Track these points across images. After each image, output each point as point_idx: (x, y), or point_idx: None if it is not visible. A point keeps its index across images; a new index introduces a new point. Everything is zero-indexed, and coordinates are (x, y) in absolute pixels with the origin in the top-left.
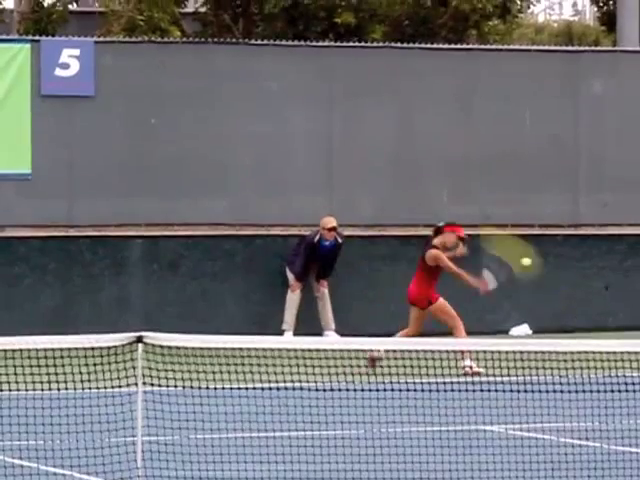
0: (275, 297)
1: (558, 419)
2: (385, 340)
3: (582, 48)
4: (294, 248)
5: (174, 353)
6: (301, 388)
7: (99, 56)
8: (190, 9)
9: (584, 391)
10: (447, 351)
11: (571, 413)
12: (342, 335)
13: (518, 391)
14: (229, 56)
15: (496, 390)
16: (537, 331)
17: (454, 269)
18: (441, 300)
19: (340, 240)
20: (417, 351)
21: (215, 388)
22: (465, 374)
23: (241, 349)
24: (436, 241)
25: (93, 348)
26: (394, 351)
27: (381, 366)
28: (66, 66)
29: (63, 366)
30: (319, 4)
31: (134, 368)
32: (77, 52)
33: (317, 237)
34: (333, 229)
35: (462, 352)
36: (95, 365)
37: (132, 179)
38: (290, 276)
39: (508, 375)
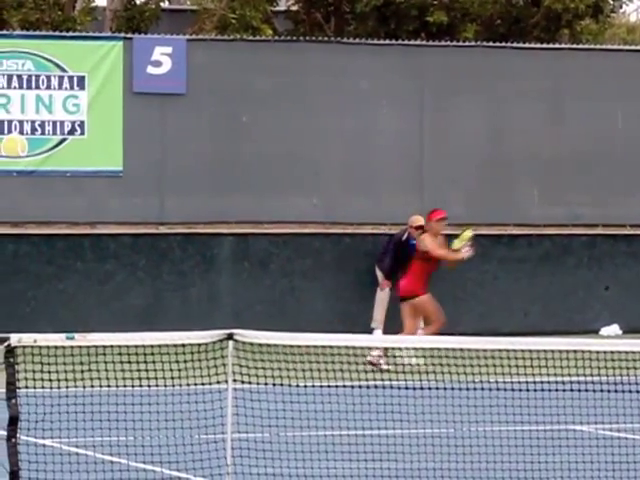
0: (364, 295)
1: None
2: (473, 339)
3: None
4: (384, 246)
5: (264, 350)
6: (391, 387)
7: (191, 54)
8: (282, 7)
9: None
10: (537, 350)
11: None
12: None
13: (609, 391)
14: (321, 54)
15: (586, 390)
16: (627, 331)
17: (437, 252)
18: (427, 296)
19: None
20: (507, 350)
21: (305, 386)
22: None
23: (331, 347)
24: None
25: (184, 345)
26: (484, 350)
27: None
28: (158, 64)
29: (154, 362)
30: (411, 3)
31: (224, 365)
32: (169, 50)
33: (405, 236)
34: (421, 227)
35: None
36: (185, 362)
37: (222, 177)
38: (379, 274)
39: (599, 375)
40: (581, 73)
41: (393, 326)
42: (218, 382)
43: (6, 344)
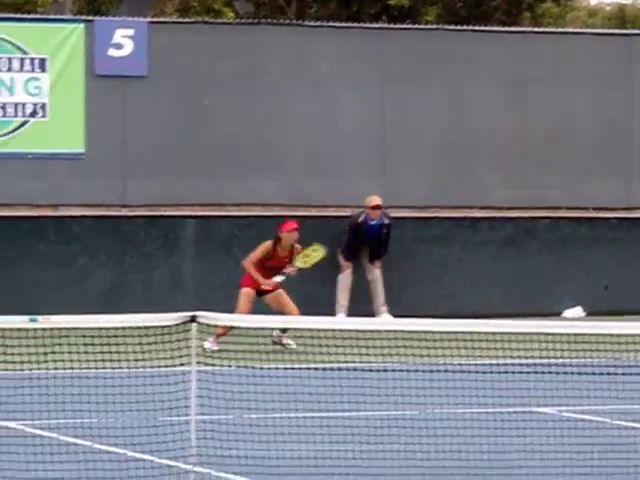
0: (328, 278)
1: (612, 401)
2: (436, 321)
3: (637, 31)
4: (343, 229)
5: (228, 333)
6: (354, 369)
7: (152, 36)
8: None
9: (638, 374)
10: (501, 333)
11: (625, 395)
12: (395, 316)
13: (572, 373)
14: (282, 37)
15: (550, 372)
16: (590, 313)
17: (248, 265)
18: (244, 290)
19: (387, 220)
20: (471, 333)
21: (268, 368)
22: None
23: (295, 329)
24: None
25: (147, 327)
26: (448, 333)
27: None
28: (120, 46)
29: (117, 345)
30: None
31: (188, 347)
32: (131, 32)
33: (362, 217)
34: (377, 207)
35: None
36: (149, 344)
37: (185, 159)
38: (339, 257)
39: (562, 357)
40: (544, 56)
41: (358, 309)
42: (182, 364)
43: None
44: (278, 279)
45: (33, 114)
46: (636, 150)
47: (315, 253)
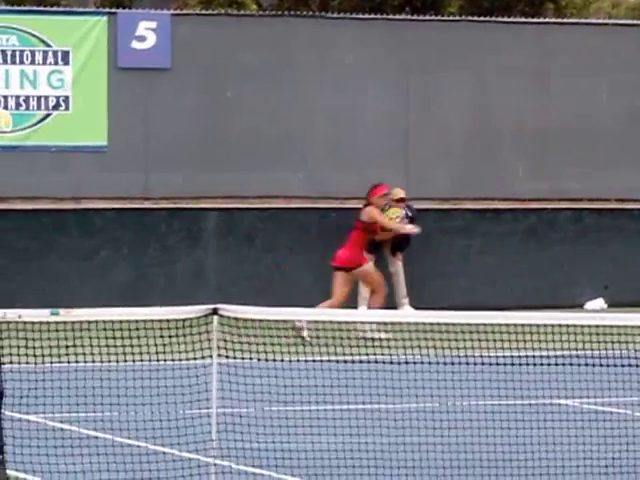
0: None
1: (633, 393)
2: (458, 314)
3: None
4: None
5: (249, 325)
6: (376, 361)
7: (176, 29)
8: None
9: None
10: (522, 325)
11: None
12: (416, 309)
13: (593, 365)
14: (305, 29)
15: (571, 364)
16: (612, 305)
17: (389, 224)
18: (371, 264)
19: (410, 213)
20: (492, 325)
21: (290, 360)
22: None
23: (316, 322)
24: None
25: (168, 320)
26: (469, 324)
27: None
28: (143, 39)
29: (138, 338)
30: None
31: (209, 340)
32: (154, 25)
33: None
34: (401, 200)
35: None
36: (170, 337)
37: (208, 152)
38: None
39: (584, 349)
40: (567, 48)
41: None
42: (203, 357)
43: None
44: (411, 226)
45: (56, 107)
46: None
47: (392, 210)
